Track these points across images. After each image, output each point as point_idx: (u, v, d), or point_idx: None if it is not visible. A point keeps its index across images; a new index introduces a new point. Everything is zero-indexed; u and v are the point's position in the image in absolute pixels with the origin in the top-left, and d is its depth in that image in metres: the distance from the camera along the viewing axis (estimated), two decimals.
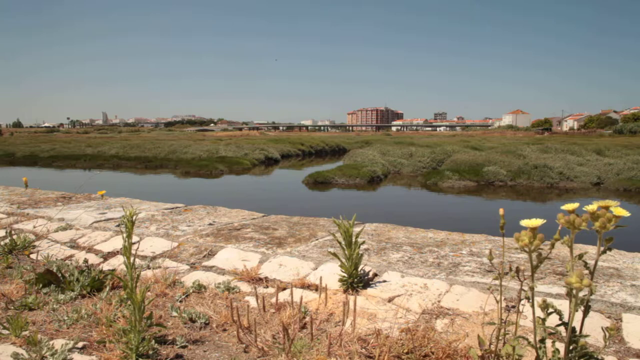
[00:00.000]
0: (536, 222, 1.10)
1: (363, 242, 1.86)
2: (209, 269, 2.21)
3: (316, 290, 1.89)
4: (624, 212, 1.11)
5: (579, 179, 16.02)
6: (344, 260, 1.83)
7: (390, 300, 1.74)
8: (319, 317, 1.67)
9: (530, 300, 1.27)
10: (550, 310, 1.20)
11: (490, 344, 1.40)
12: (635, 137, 39.62)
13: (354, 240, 1.83)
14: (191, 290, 1.96)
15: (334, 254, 1.86)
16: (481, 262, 2.08)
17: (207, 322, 1.64)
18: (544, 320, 1.18)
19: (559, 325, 1.18)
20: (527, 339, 1.16)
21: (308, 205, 12.12)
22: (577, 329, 1.21)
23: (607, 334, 1.19)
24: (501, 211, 1.22)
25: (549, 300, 1.32)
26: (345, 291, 1.83)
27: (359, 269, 1.89)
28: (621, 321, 1.56)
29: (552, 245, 1.12)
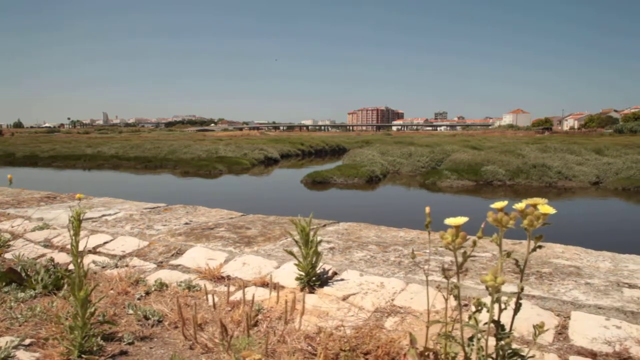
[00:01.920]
0: (459, 220, 1.11)
1: (320, 242, 1.87)
2: (175, 267, 2.23)
3: (275, 288, 1.90)
4: (550, 210, 1.11)
5: (578, 179, 15.97)
6: (300, 259, 1.84)
7: (344, 298, 1.75)
8: (272, 315, 1.68)
9: (474, 299, 1.28)
10: (481, 307, 1.21)
11: (435, 342, 1.41)
12: (635, 136, 39.44)
13: (310, 239, 1.84)
14: (153, 289, 1.98)
15: (291, 253, 1.88)
16: (443, 260, 2.08)
17: (160, 319, 1.66)
18: (472, 317, 1.18)
19: (486, 323, 1.18)
20: (454, 338, 1.17)
21: (305, 205, 12.12)
22: (524, 326, 1.22)
23: (536, 331, 1.20)
24: (427, 209, 1.23)
25: (484, 299, 1.33)
26: (302, 289, 1.84)
27: (318, 268, 1.90)
28: (569, 319, 1.56)
29: (474, 243, 1.13)
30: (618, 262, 2.14)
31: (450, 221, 1.10)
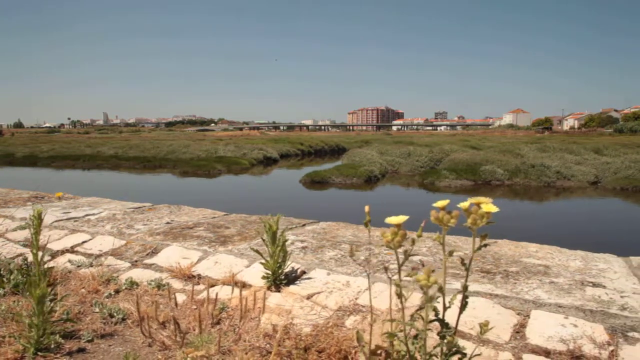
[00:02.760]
0: (399, 219, 1.12)
1: (287, 240, 1.88)
2: (148, 266, 2.24)
3: (243, 287, 1.91)
4: (493, 209, 1.12)
5: (576, 178, 15.94)
6: (267, 258, 1.86)
7: (308, 297, 1.77)
8: (236, 313, 1.70)
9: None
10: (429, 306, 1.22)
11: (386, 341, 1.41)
12: (635, 135, 39.32)
13: (278, 238, 1.85)
14: (123, 287, 1.99)
15: (257, 251, 1.89)
16: (410, 259, 2.09)
17: (124, 317, 1.67)
18: (414, 315, 1.19)
19: (432, 321, 1.19)
20: (397, 336, 1.18)
21: (301, 205, 12.14)
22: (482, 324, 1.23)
23: (482, 329, 1.21)
24: (366, 208, 1.24)
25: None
26: (268, 288, 1.85)
27: (286, 267, 1.92)
28: (529, 318, 1.57)
29: (413, 242, 1.13)
30: (589, 261, 2.14)
31: (390, 220, 1.11)
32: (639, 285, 1.82)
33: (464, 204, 1.16)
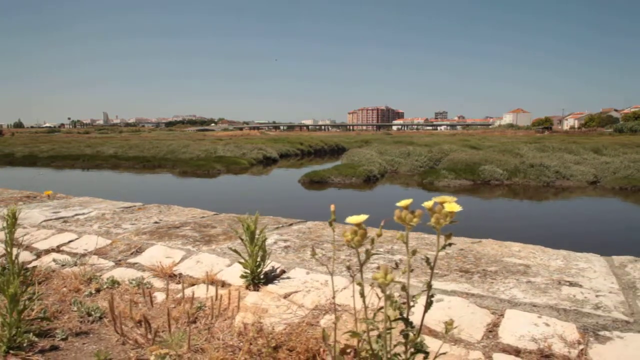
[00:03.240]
0: (359, 218, 1.12)
1: (265, 239, 1.89)
2: (131, 265, 2.25)
3: (222, 286, 1.92)
4: (455, 208, 1.13)
5: (575, 178, 15.93)
6: (246, 256, 1.86)
7: (286, 296, 1.77)
8: (213, 312, 1.70)
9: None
10: (393, 304, 1.22)
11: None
12: (635, 135, 39.25)
13: (256, 237, 1.86)
14: (104, 286, 2.00)
15: (235, 251, 1.90)
16: (391, 259, 2.10)
17: (101, 316, 1.68)
18: (376, 313, 1.20)
19: (396, 319, 1.20)
20: (360, 334, 1.18)
21: (299, 204, 12.15)
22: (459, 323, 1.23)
23: (446, 328, 1.21)
24: (332, 207, 1.25)
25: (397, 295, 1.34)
26: (247, 287, 1.86)
27: (266, 266, 1.92)
28: (503, 317, 1.57)
29: (372, 241, 1.14)
30: (570, 260, 2.14)
31: (350, 219, 1.12)
32: (617, 285, 1.82)
33: (428, 203, 1.16)
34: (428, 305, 1.22)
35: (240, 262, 1.86)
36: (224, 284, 1.93)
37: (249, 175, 19.32)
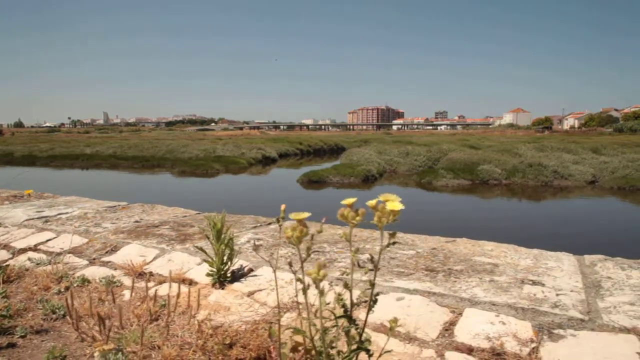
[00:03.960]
0: (301, 215, 1.13)
1: (232, 238, 1.90)
2: (105, 264, 2.27)
3: (190, 284, 1.93)
4: (398, 206, 1.14)
5: (574, 177, 15.91)
6: (212, 255, 1.88)
7: (250, 294, 1.79)
8: (177, 310, 1.72)
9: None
10: (341, 301, 1.23)
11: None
12: (635, 135, 39.17)
13: (223, 236, 1.87)
14: (75, 285, 2.02)
15: (201, 249, 1.91)
16: (359, 258, 2.11)
17: (65, 314, 1.69)
18: (318, 310, 1.21)
19: (341, 317, 1.21)
20: (302, 331, 1.20)
21: (296, 204, 12.12)
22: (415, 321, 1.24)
23: (391, 326, 1.22)
24: (282, 207, 1.26)
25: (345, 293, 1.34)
26: (213, 285, 1.87)
27: (234, 264, 1.94)
28: (461, 315, 1.58)
29: (312, 238, 1.15)
30: (540, 259, 2.15)
31: (292, 216, 1.13)
32: (581, 283, 1.83)
33: (372, 202, 1.17)
34: (372, 302, 1.23)
35: (206, 261, 1.88)
36: (191, 282, 1.95)
37: (247, 175, 19.34)
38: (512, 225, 8.73)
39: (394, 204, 1.15)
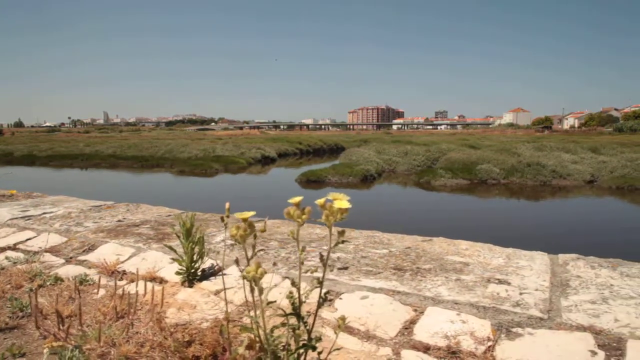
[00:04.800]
0: (247, 214, 1.14)
1: (202, 237, 1.92)
2: (81, 262, 2.28)
3: (160, 282, 1.95)
4: (345, 205, 1.15)
5: (572, 177, 15.89)
6: (181, 253, 1.89)
7: (217, 293, 1.80)
8: (144, 308, 1.73)
9: (338, 294, 1.31)
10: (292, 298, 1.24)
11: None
12: (635, 135, 39.07)
13: (192, 234, 1.88)
14: (48, 283, 2.03)
15: (170, 247, 1.92)
16: (339, 257, 2.12)
17: (39, 312, 1.71)
18: (264, 307, 1.22)
19: (290, 314, 1.22)
20: (250, 328, 1.21)
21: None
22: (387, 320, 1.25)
23: (339, 324, 1.23)
24: (227, 205, 1.27)
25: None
26: (182, 284, 1.89)
27: (204, 263, 1.95)
28: (422, 314, 1.59)
29: (255, 237, 1.16)
30: (512, 258, 2.16)
31: (238, 215, 1.14)
32: (548, 282, 1.84)
33: (320, 201, 1.18)
34: (321, 300, 1.24)
35: (175, 259, 1.89)
36: (162, 281, 1.96)
37: (246, 174, 19.36)
38: (503, 225, 8.73)
39: (342, 202, 1.16)
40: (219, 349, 1.37)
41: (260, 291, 1.09)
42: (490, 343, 1.41)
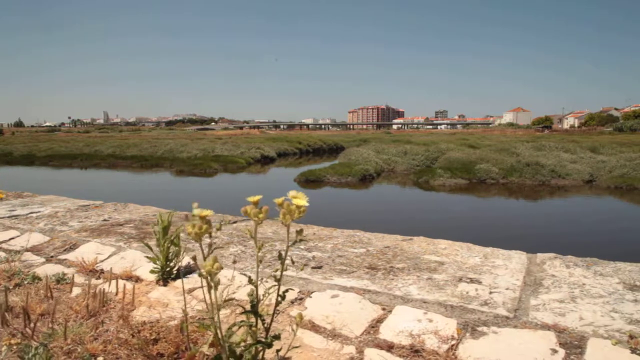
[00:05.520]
0: (205, 212, 1.15)
1: (178, 236, 1.93)
2: (61, 261, 2.29)
3: (137, 281, 1.96)
4: (302, 203, 1.16)
5: (571, 177, 15.87)
6: (157, 252, 1.90)
7: (190, 291, 1.81)
8: (118, 306, 1.74)
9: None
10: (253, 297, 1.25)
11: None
12: (635, 134, 38.99)
13: (169, 233, 1.89)
14: (25, 282, 2.04)
15: (147, 245, 1.93)
16: (303, 256, 2.13)
17: (6, 310, 1.72)
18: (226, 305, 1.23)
19: (248, 312, 1.23)
20: (208, 326, 1.22)
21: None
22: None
23: (296, 320, 1.24)
24: (194, 204, 1.28)
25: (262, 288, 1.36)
26: (157, 282, 1.90)
27: (181, 261, 1.96)
28: (390, 313, 1.60)
29: (210, 235, 1.17)
30: (489, 258, 2.16)
31: (196, 212, 1.15)
32: (521, 282, 1.84)
33: (279, 199, 1.19)
34: (279, 298, 1.25)
35: (149, 257, 1.90)
36: (138, 279, 1.97)
37: (245, 174, 19.38)
38: (493, 225, 8.73)
39: (300, 200, 1.17)
40: (183, 346, 1.38)
41: (216, 286, 1.10)
42: (453, 342, 1.42)
